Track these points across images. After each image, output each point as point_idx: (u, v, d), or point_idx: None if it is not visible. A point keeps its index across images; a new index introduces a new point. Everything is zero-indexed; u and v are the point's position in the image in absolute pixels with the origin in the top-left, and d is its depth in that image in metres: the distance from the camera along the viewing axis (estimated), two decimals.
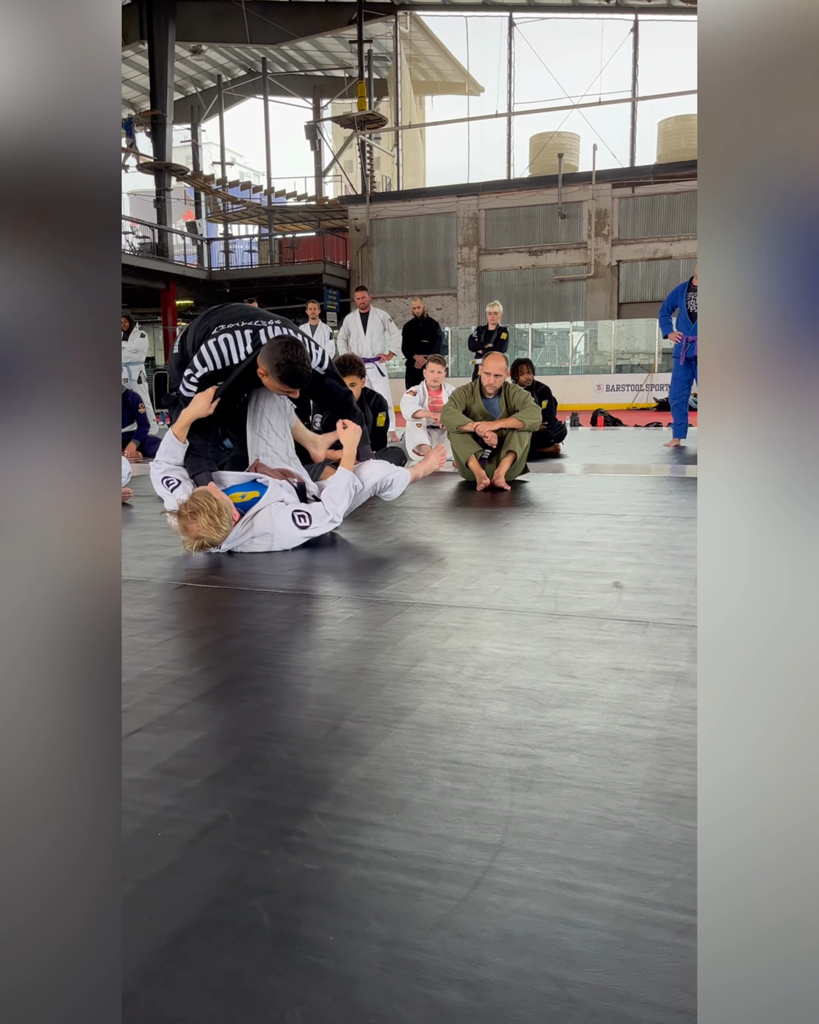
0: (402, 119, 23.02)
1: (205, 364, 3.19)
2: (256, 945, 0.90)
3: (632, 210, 18.81)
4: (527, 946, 0.89)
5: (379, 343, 8.97)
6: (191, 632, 2.08)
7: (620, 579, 2.49)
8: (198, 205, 26.19)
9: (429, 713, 1.52)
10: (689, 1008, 0.80)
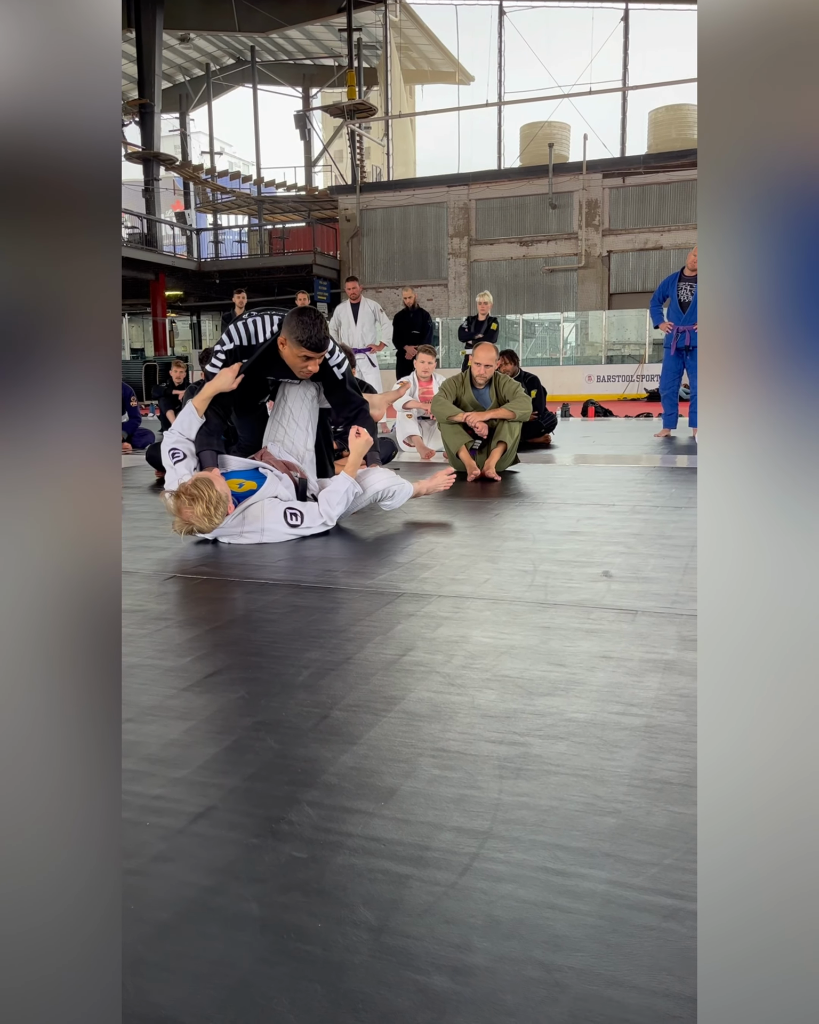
0: (392, 108, 22.91)
1: (232, 340, 3.28)
2: (244, 933, 0.90)
3: (623, 200, 18.78)
4: (514, 931, 0.89)
5: (370, 334, 8.95)
6: (180, 623, 2.08)
7: (609, 568, 2.49)
8: (187, 195, 26.04)
9: (418, 702, 1.52)
10: (675, 992, 0.80)
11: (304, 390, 3.42)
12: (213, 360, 3.32)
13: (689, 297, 7.03)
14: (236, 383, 3.23)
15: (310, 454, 3.47)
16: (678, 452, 6.02)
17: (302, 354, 3.10)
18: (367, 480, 3.27)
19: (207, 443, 3.17)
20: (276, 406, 3.47)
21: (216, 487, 2.87)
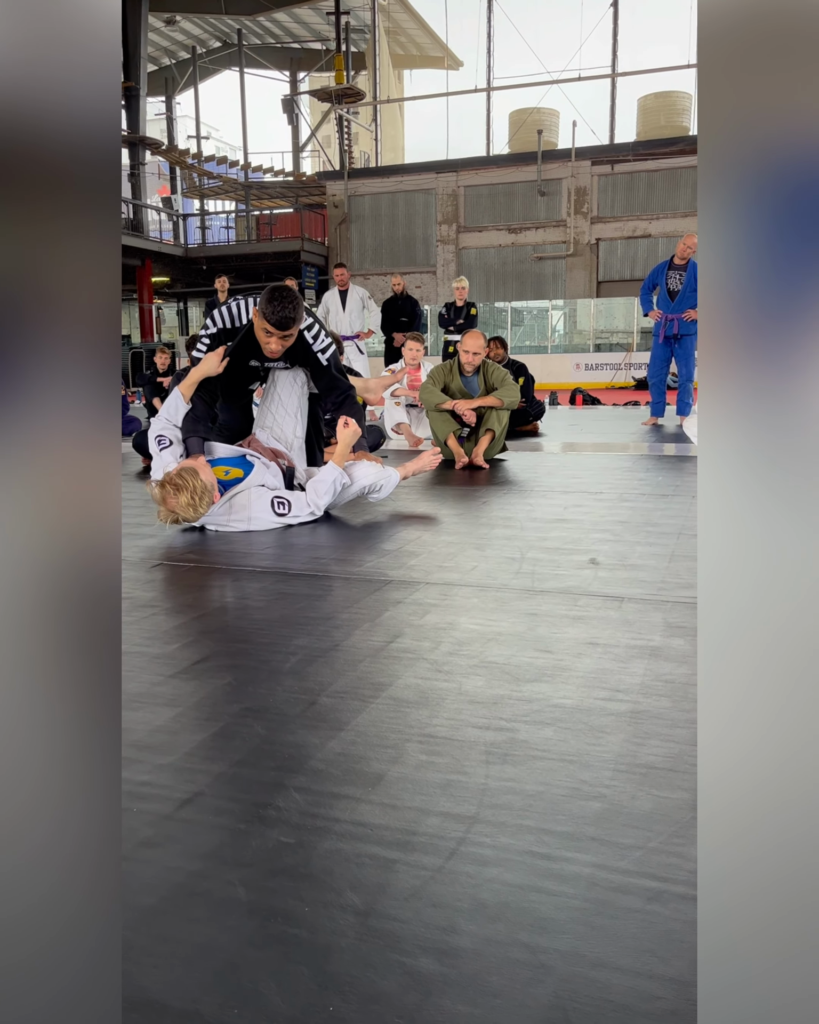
0: (380, 93, 22.73)
1: (216, 323, 3.28)
2: (231, 917, 0.90)
3: (611, 188, 18.74)
4: (500, 914, 0.90)
5: (358, 321, 8.91)
6: (168, 610, 2.07)
7: (596, 556, 2.50)
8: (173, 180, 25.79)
9: (406, 688, 1.53)
10: (658, 973, 0.81)
11: (294, 376, 3.41)
12: (199, 345, 3.31)
13: (678, 285, 7.03)
14: (221, 367, 3.21)
15: (299, 441, 3.46)
16: (665, 440, 6.03)
17: (264, 328, 3.08)
18: (355, 473, 3.26)
19: (193, 429, 3.15)
20: (265, 392, 3.46)
21: (201, 476, 2.86)
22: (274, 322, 3.04)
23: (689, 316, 6.98)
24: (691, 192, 18.10)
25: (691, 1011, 0.77)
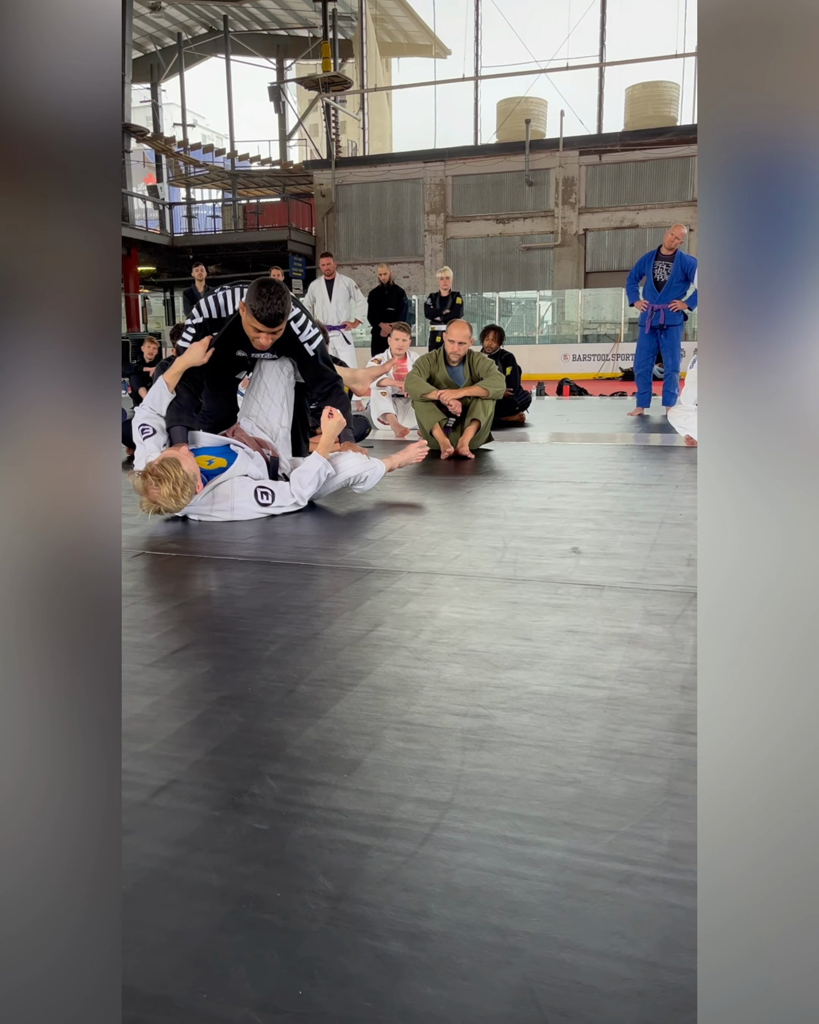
0: (368, 82, 22.59)
1: (202, 313, 3.27)
2: (204, 903, 0.91)
3: (599, 178, 18.70)
4: (471, 898, 0.90)
5: (344, 310, 8.87)
6: (148, 599, 2.07)
7: (579, 545, 2.51)
8: (159, 168, 25.58)
9: (385, 676, 1.53)
10: (627, 954, 0.82)
11: (280, 366, 3.40)
12: (184, 335, 3.30)
13: (665, 276, 7.03)
14: (206, 357, 3.20)
15: (284, 431, 3.44)
16: (651, 431, 6.05)
17: (254, 325, 3.07)
18: (340, 464, 3.25)
19: (177, 419, 3.14)
20: (252, 382, 3.45)
21: (183, 466, 2.84)
22: (264, 319, 3.03)
23: (675, 307, 6.98)
24: (678, 182, 18.10)
25: (657, 992, 0.77)
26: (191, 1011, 0.76)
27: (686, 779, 1.15)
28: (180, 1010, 0.76)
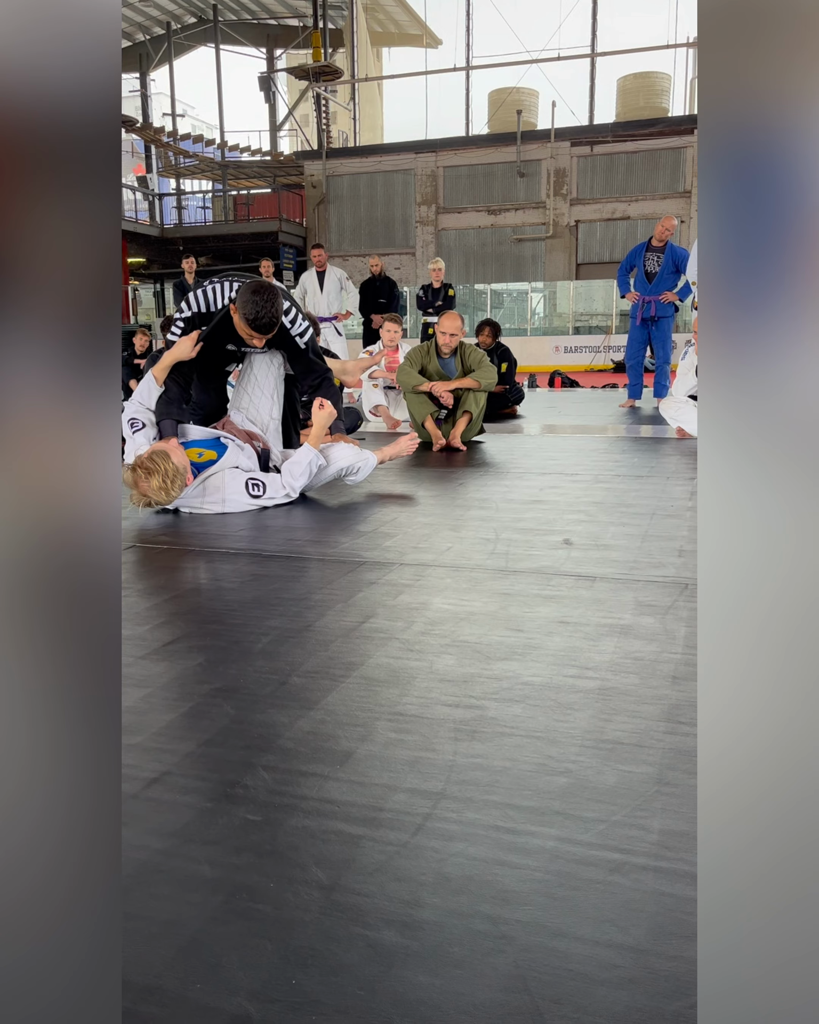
0: (358, 72, 22.46)
1: (191, 307, 3.25)
2: (196, 894, 0.91)
3: (591, 169, 18.66)
4: (463, 887, 0.91)
5: (336, 302, 8.84)
6: (140, 591, 2.06)
7: (570, 536, 2.51)
8: (148, 159, 25.37)
9: (377, 667, 1.53)
10: (618, 942, 0.83)
11: (271, 358, 3.39)
12: (173, 328, 3.28)
13: (655, 268, 7.03)
14: (195, 351, 3.18)
15: (275, 423, 3.43)
16: (642, 422, 6.06)
17: (247, 332, 3.06)
18: (331, 455, 3.25)
19: (167, 412, 3.13)
20: (242, 374, 3.44)
21: (173, 459, 2.83)
22: (258, 327, 3.01)
23: (666, 298, 6.98)
24: (670, 174, 18.07)
25: (648, 979, 0.78)
26: (184, 1000, 0.76)
27: (677, 768, 1.15)
28: (173, 1000, 0.76)
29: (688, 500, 3.04)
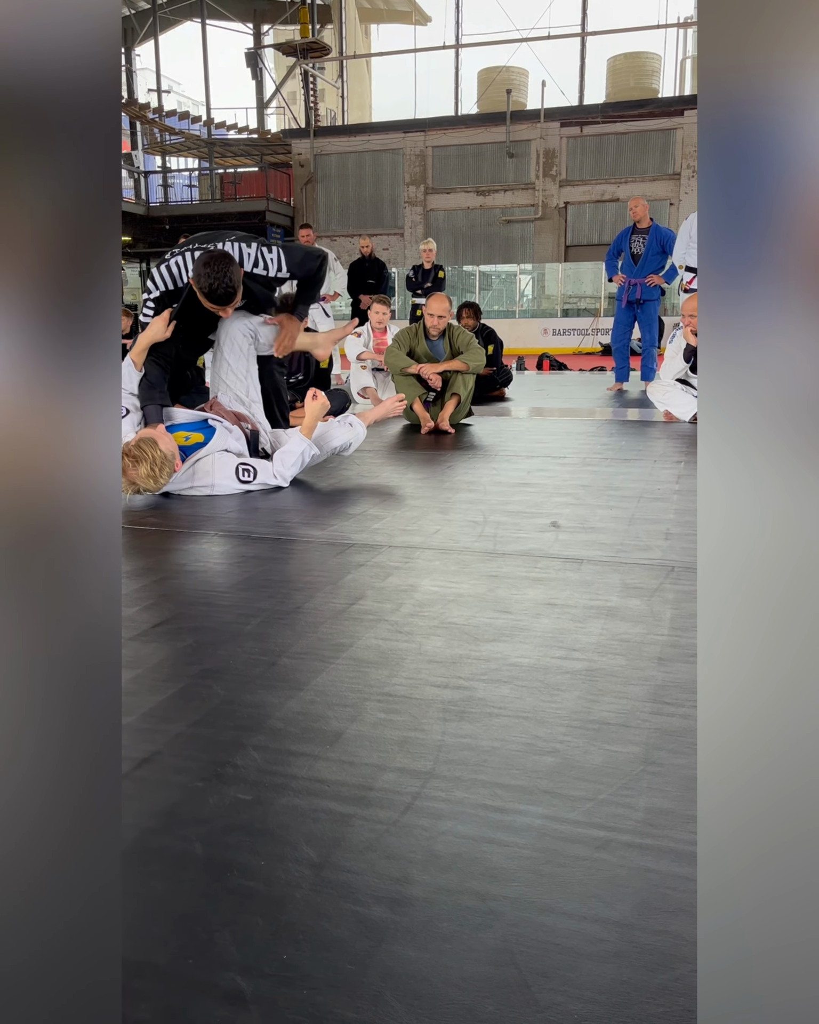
0: (347, 48, 22.19)
1: (157, 286, 3.20)
2: (187, 872, 0.92)
3: (580, 150, 18.55)
4: (452, 864, 0.92)
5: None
6: (128, 573, 2.06)
7: (558, 519, 2.53)
8: (134, 135, 25.03)
9: (366, 649, 1.54)
10: (603, 917, 0.84)
11: (241, 339, 3.32)
12: (144, 310, 3.23)
13: (641, 249, 7.01)
14: (169, 332, 3.14)
15: (257, 405, 3.40)
16: (629, 405, 6.07)
17: (208, 306, 3.03)
18: (328, 436, 3.24)
19: (150, 396, 3.09)
20: (214, 359, 3.40)
21: (160, 446, 2.82)
22: (215, 300, 2.97)
23: (652, 281, 6.98)
24: (660, 155, 17.99)
25: (633, 953, 0.79)
26: (176, 976, 0.77)
27: (662, 748, 1.17)
28: (165, 975, 0.77)
29: (675, 483, 3.06)
